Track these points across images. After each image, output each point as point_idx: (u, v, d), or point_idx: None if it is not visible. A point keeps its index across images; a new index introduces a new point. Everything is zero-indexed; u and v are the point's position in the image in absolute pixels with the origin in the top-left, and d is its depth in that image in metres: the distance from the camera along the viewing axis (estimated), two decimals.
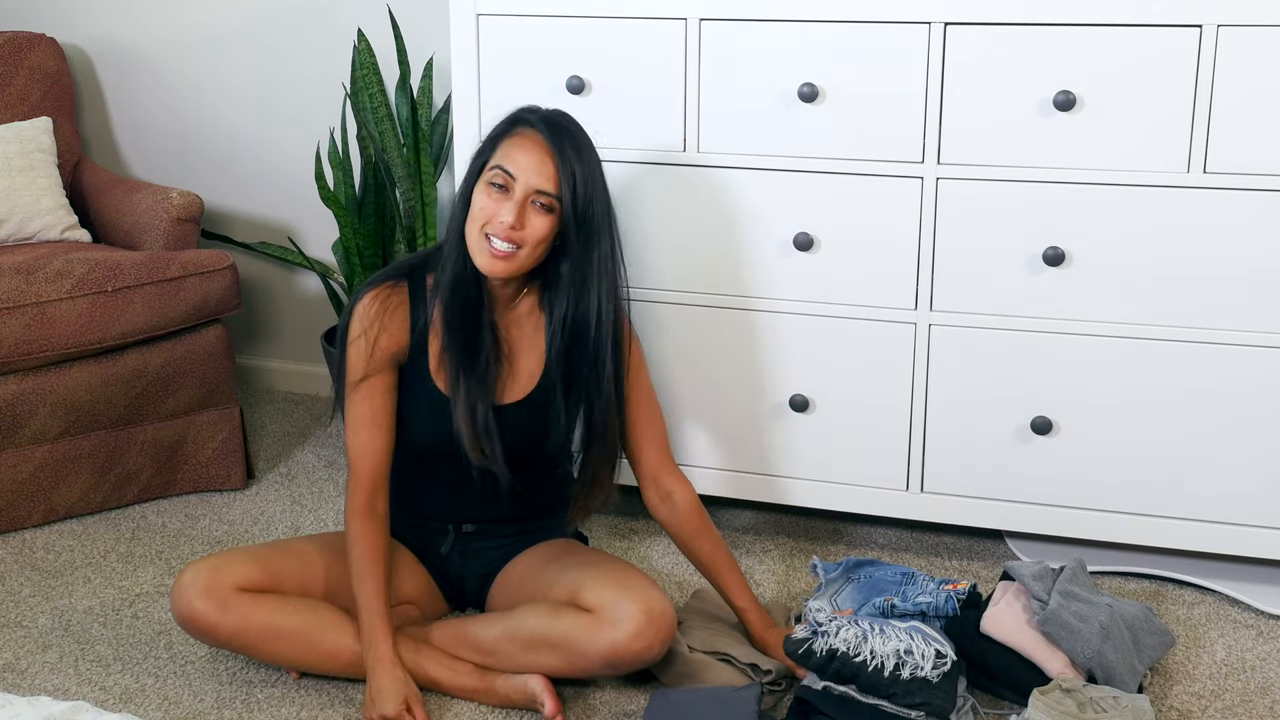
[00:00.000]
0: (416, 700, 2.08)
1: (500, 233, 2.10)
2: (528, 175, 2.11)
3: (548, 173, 2.11)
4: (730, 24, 2.42)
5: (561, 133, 2.14)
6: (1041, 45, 2.26)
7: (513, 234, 2.10)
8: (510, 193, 2.11)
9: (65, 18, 3.56)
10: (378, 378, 2.22)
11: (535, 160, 2.11)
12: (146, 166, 3.62)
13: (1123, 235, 2.30)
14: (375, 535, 2.19)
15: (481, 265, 2.14)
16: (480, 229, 2.13)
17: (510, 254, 2.12)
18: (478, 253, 2.14)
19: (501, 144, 2.14)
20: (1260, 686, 2.18)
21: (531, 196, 2.11)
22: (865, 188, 2.41)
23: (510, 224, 2.10)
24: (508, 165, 2.11)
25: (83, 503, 2.83)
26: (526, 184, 2.11)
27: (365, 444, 2.22)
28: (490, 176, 2.12)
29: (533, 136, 2.13)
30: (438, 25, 3.13)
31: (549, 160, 2.11)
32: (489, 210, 2.12)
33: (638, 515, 2.82)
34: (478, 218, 2.13)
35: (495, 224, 2.11)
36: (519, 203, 2.10)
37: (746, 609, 2.26)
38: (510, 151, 2.13)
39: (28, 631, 2.39)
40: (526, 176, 2.11)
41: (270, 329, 3.64)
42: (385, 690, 2.07)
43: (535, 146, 2.12)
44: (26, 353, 2.67)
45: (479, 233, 2.13)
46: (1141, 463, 2.39)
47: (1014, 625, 2.13)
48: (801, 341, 2.51)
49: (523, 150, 2.12)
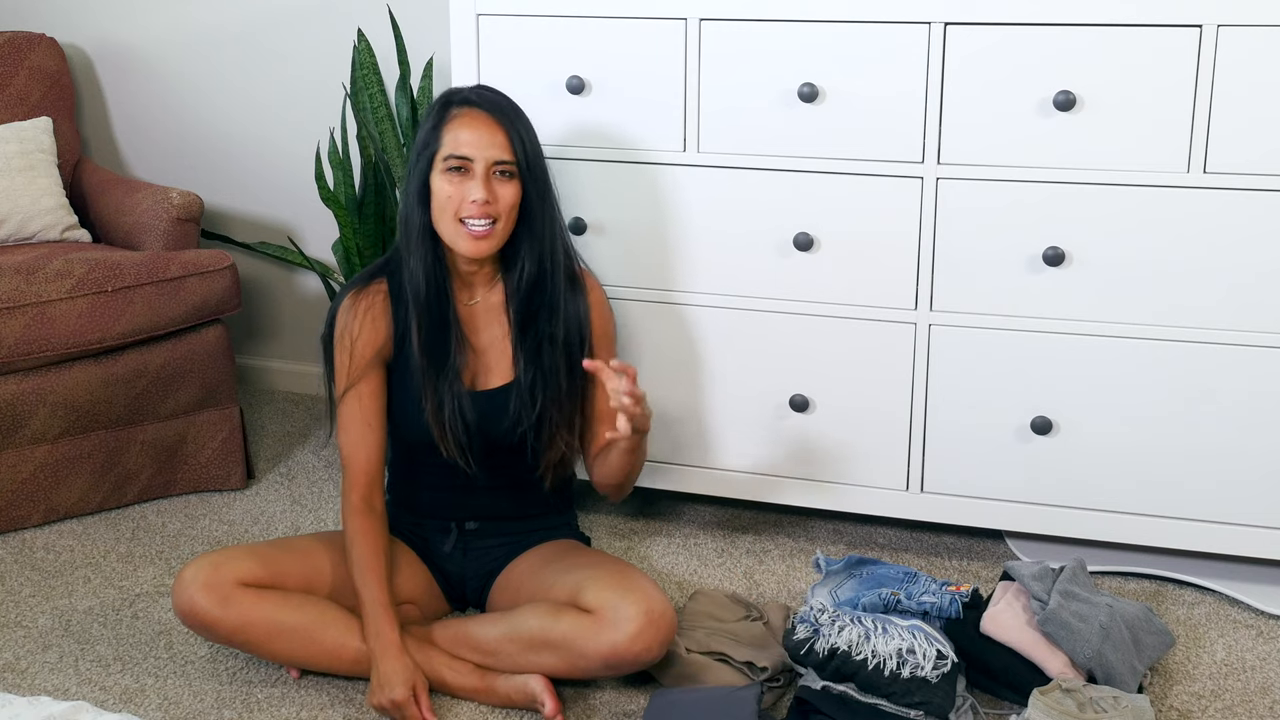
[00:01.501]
0: (423, 686, 2.10)
1: (476, 212, 2.16)
2: (483, 150, 2.17)
3: (500, 141, 2.18)
4: (730, 24, 2.42)
5: (496, 101, 2.22)
6: (1041, 45, 2.26)
7: (487, 208, 2.16)
8: (470, 173, 2.17)
9: (65, 18, 3.56)
10: (363, 380, 2.25)
11: (485, 134, 2.17)
12: (146, 166, 3.63)
13: (1123, 235, 2.30)
14: (374, 531, 2.20)
15: (465, 250, 2.19)
16: (453, 216, 2.17)
17: (489, 230, 2.18)
18: (457, 239, 2.19)
19: (444, 130, 2.19)
20: (1260, 686, 2.18)
21: (492, 168, 2.17)
22: (865, 188, 2.41)
23: (484, 199, 2.15)
24: (461, 149, 2.16)
25: (83, 503, 2.83)
26: (485, 158, 2.17)
27: (357, 444, 2.25)
28: (446, 165, 2.17)
29: (472, 113, 2.19)
30: (438, 25, 3.14)
31: (497, 129, 2.18)
32: (456, 195, 2.17)
33: (638, 515, 2.82)
34: (447, 207, 2.18)
35: (467, 205, 2.16)
36: (484, 177, 2.16)
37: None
38: (457, 134, 2.17)
39: (28, 631, 2.39)
40: (482, 151, 2.16)
41: (270, 329, 3.65)
42: (393, 675, 2.08)
43: (479, 121, 2.18)
44: (26, 353, 2.68)
45: (453, 220, 2.17)
46: (1141, 463, 2.39)
47: (1014, 625, 2.13)
48: (801, 341, 2.51)
49: (469, 128, 2.17)
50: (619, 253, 2.57)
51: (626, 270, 2.57)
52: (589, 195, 2.55)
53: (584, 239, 2.57)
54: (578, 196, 2.56)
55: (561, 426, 2.29)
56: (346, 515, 2.22)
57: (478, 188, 2.15)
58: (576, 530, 2.46)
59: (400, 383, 2.28)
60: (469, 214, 2.16)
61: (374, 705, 2.10)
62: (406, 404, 2.27)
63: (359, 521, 2.20)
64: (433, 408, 2.23)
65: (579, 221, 2.57)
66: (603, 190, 2.55)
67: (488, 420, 2.26)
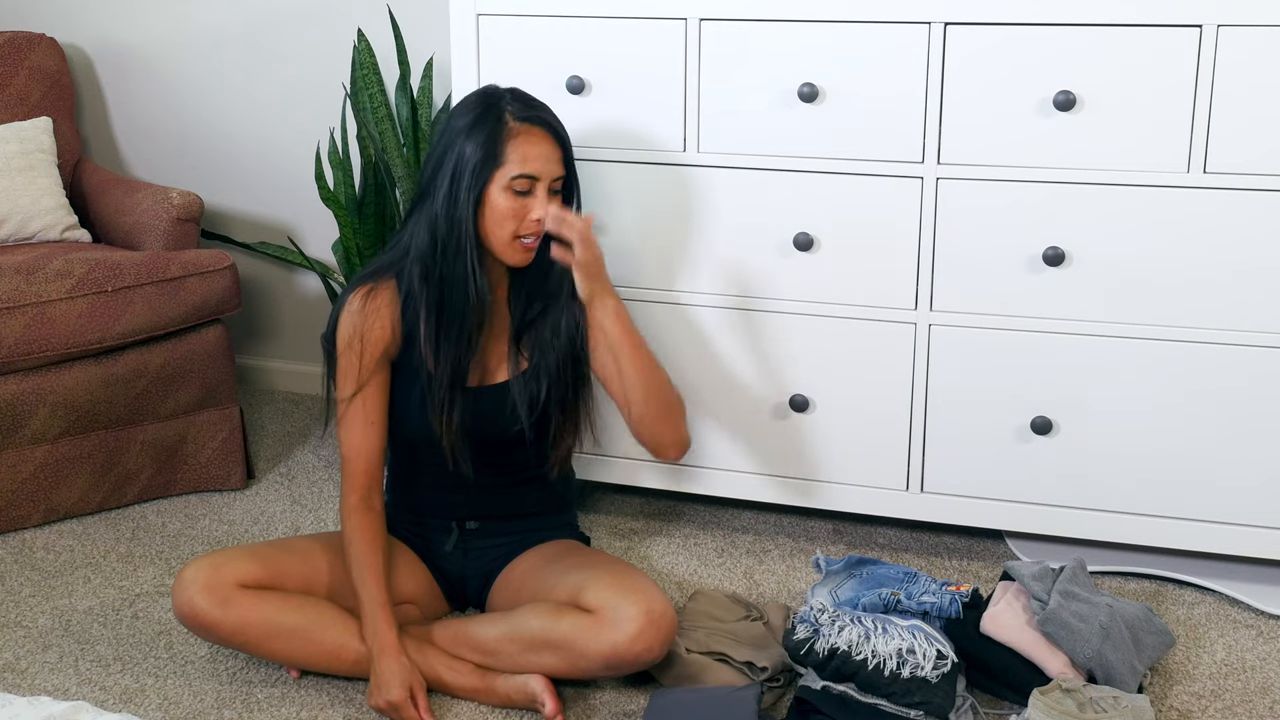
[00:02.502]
0: (420, 687, 2.10)
1: (536, 229, 2.18)
2: (548, 168, 2.18)
3: (557, 157, 2.20)
4: (730, 24, 2.42)
5: (546, 114, 2.22)
6: (1041, 45, 2.26)
7: (540, 225, 2.18)
8: (534, 193, 2.18)
9: (65, 18, 3.56)
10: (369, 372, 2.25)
11: (546, 152, 2.18)
12: (146, 166, 3.63)
13: (1123, 235, 2.30)
14: (372, 529, 2.21)
15: (516, 262, 2.22)
16: (513, 232, 2.18)
17: (536, 243, 2.21)
18: (509, 252, 2.20)
19: (509, 147, 2.16)
20: (1260, 686, 2.18)
21: (552, 185, 2.20)
22: (865, 188, 2.41)
23: (540, 218, 2.17)
24: (529, 168, 2.16)
25: (83, 503, 2.83)
26: (549, 174, 2.19)
27: (359, 442, 2.25)
28: (513, 185, 2.16)
29: (538, 132, 2.18)
30: (438, 25, 3.14)
31: (555, 146, 2.20)
32: (518, 212, 2.17)
33: (638, 515, 2.82)
34: (506, 223, 2.18)
35: (528, 223, 2.18)
36: (544, 196, 2.19)
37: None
38: (524, 152, 2.16)
39: (28, 631, 2.39)
40: (547, 169, 2.18)
41: (270, 329, 3.65)
42: (390, 677, 2.08)
43: (542, 140, 2.19)
44: (26, 353, 2.67)
45: (511, 234, 2.18)
46: (1141, 463, 2.39)
47: (1014, 625, 2.13)
48: (801, 341, 2.51)
49: (533, 146, 2.17)
50: (619, 252, 2.57)
51: (627, 270, 2.57)
52: (589, 195, 2.55)
53: None
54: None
55: (564, 417, 2.29)
56: (345, 514, 2.22)
57: (541, 206, 2.17)
58: (576, 530, 2.46)
59: (404, 381, 2.27)
60: (529, 230, 2.18)
61: (373, 706, 2.10)
62: (409, 402, 2.26)
63: (357, 519, 2.20)
64: (437, 407, 2.23)
65: None
66: (603, 190, 2.55)
67: (489, 416, 2.26)
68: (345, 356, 2.24)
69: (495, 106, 2.19)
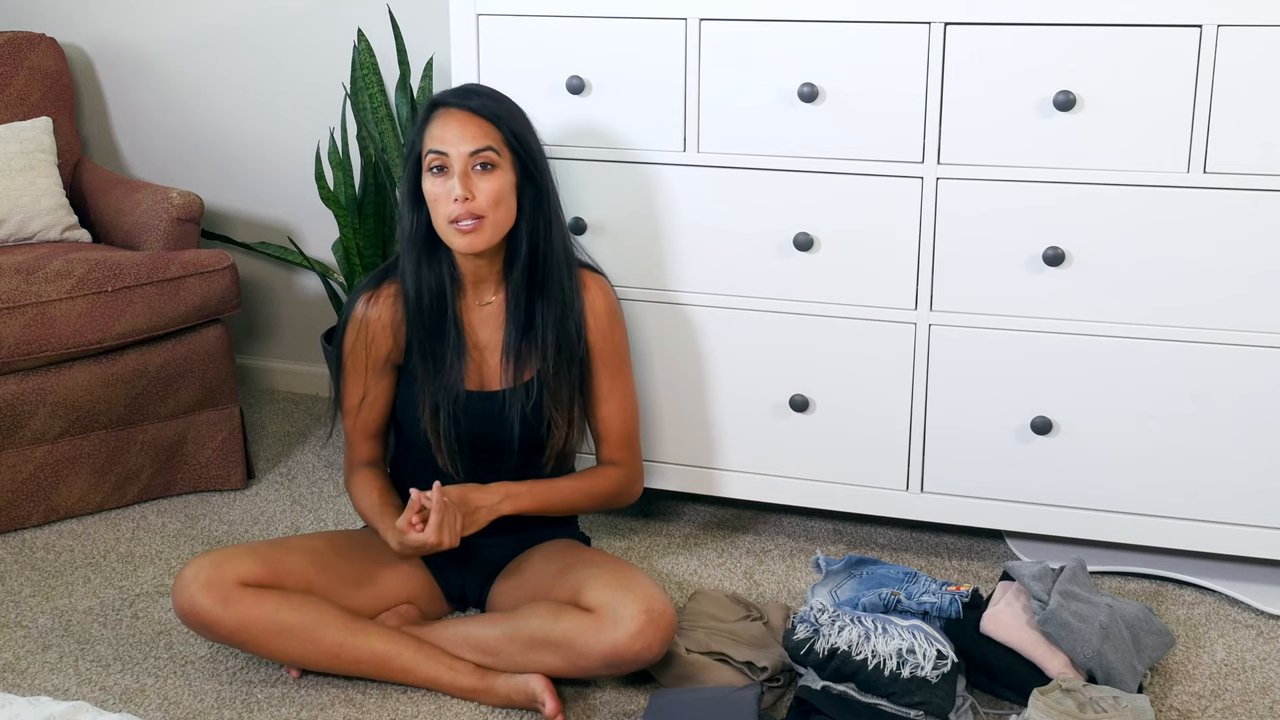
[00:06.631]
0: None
1: (458, 210, 2.16)
2: (456, 144, 2.16)
3: (471, 133, 2.17)
4: (730, 24, 2.42)
5: (471, 93, 2.23)
6: (1041, 45, 2.26)
7: (468, 204, 2.16)
8: (449, 170, 2.17)
9: (65, 18, 3.56)
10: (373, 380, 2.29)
11: (457, 128, 2.17)
12: (146, 166, 3.63)
13: (1123, 235, 2.30)
14: (374, 476, 2.31)
15: (458, 246, 2.19)
16: (443, 216, 2.18)
17: (477, 224, 2.17)
18: (450, 237, 2.20)
19: (425, 132, 2.20)
20: (1260, 686, 2.18)
21: (469, 162, 2.16)
22: (865, 188, 2.41)
23: (461, 196, 2.15)
24: (436, 145, 2.17)
25: (83, 503, 2.83)
26: (459, 153, 2.16)
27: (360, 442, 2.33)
28: (428, 164, 2.18)
29: (447, 111, 2.20)
30: (438, 25, 3.14)
31: (469, 122, 2.18)
32: (439, 194, 2.17)
33: (638, 515, 2.82)
34: (435, 207, 2.19)
35: (447, 204, 2.16)
36: (461, 174, 2.16)
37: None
38: (434, 133, 2.19)
39: (28, 631, 2.39)
40: (456, 146, 2.16)
41: (270, 329, 3.65)
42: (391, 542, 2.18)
43: (453, 117, 2.19)
44: (26, 353, 2.67)
45: (444, 219, 2.18)
46: (1141, 463, 2.39)
47: (1014, 625, 2.13)
48: (801, 341, 2.51)
49: (443, 125, 2.18)
50: (619, 253, 2.57)
51: (626, 270, 2.57)
52: (589, 195, 2.55)
53: (584, 239, 2.57)
54: (578, 196, 2.56)
55: (560, 422, 2.29)
56: (348, 481, 2.33)
57: (455, 184, 2.16)
58: (576, 530, 2.46)
59: (408, 384, 2.28)
60: (453, 213, 2.16)
61: (399, 553, 2.18)
62: (411, 405, 2.27)
63: (360, 475, 2.31)
64: (428, 411, 2.23)
65: (579, 221, 2.57)
66: (603, 190, 2.55)
67: (486, 422, 2.26)
68: (352, 364, 2.26)
69: (434, 103, 2.23)
